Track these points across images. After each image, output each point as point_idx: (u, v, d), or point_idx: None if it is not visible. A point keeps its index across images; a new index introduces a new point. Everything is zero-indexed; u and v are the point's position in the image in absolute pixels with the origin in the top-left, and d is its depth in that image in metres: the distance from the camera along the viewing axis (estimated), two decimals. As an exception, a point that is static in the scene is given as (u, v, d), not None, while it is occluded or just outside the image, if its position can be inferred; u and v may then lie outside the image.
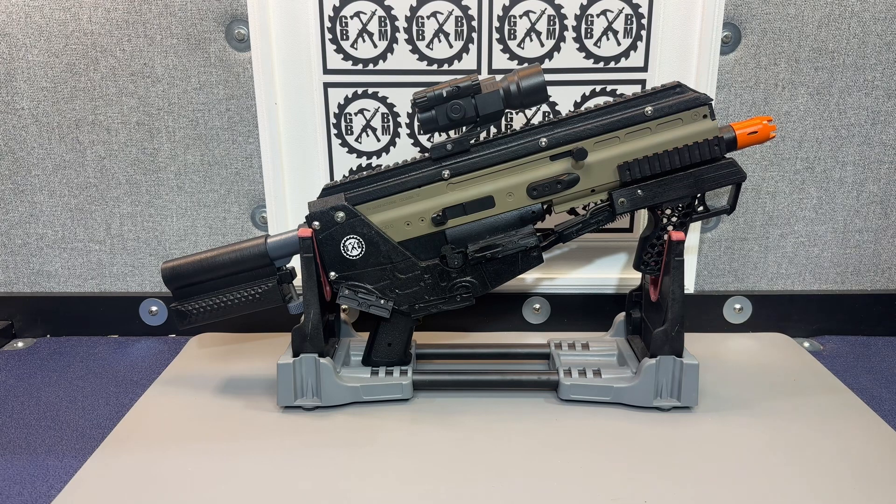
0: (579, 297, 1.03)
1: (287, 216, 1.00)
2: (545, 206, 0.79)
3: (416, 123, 0.97)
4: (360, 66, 0.94)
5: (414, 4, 0.92)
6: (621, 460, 0.71)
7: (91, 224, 1.03)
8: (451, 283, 0.80)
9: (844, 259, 1.04)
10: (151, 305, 1.05)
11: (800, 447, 0.74)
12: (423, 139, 0.98)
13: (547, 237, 0.82)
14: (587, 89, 0.95)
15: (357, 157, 0.99)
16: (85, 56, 0.95)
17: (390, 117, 0.97)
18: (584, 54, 0.93)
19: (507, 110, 0.77)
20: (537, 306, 1.04)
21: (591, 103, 0.95)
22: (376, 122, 0.97)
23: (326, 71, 0.94)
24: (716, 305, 1.04)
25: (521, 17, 0.92)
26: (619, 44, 0.93)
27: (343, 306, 0.87)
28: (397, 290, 0.81)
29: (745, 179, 0.78)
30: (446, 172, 0.78)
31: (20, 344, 1.03)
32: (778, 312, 1.04)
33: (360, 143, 0.98)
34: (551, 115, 0.96)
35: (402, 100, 0.96)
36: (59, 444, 0.76)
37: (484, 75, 0.95)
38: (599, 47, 0.93)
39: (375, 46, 0.93)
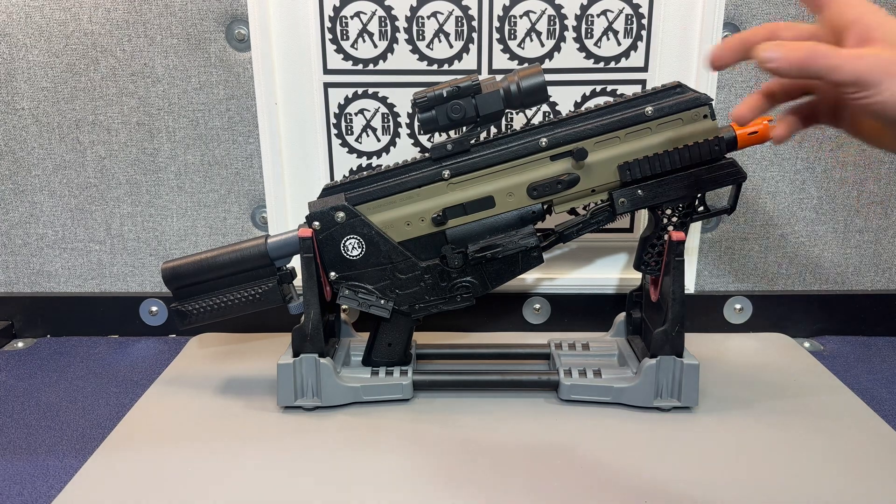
0: (579, 297, 1.03)
1: (287, 216, 1.00)
2: (545, 206, 0.79)
3: (416, 123, 0.97)
4: (360, 66, 0.94)
5: (414, 4, 0.92)
6: (621, 460, 0.71)
7: (91, 224, 1.03)
8: (452, 283, 0.80)
9: (844, 259, 1.03)
10: (151, 305, 1.05)
11: (800, 447, 0.73)
12: (423, 139, 0.98)
13: (547, 237, 0.82)
14: (587, 89, 0.95)
15: (357, 157, 0.98)
16: (85, 56, 0.95)
17: (390, 117, 0.97)
18: (584, 54, 0.93)
19: (507, 110, 0.77)
20: (537, 306, 1.04)
21: (591, 103, 0.95)
22: (376, 122, 0.97)
23: (326, 71, 0.94)
24: (716, 305, 1.04)
25: (521, 17, 0.92)
26: (619, 44, 0.93)
27: (343, 306, 0.87)
28: (397, 291, 0.81)
29: (746, 179, 0.78)
30: (446, 172, 0.78)
31: (20, 344, 1.03)
32: (778, 312, 1.04)
33: (361, 143, 0.98)
34: (551, 115, 0.96)
35: (403, 100, 0.96)
36: (59, 444, 0.76)
37: (484, 75, 0.95)
38: (599, 47, 0.93)
39: (375, 46, 0.93)
